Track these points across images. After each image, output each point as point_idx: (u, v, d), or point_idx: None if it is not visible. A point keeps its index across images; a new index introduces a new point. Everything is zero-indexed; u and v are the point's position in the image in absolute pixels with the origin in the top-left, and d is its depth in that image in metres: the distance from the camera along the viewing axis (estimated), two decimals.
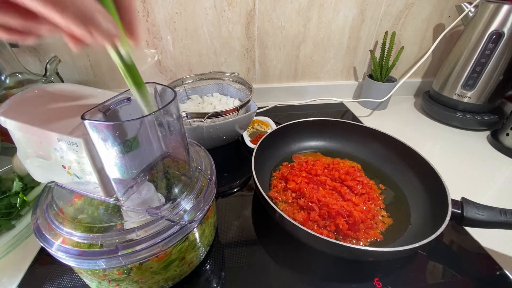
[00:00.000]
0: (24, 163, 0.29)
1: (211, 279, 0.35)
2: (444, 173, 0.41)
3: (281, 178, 0.48)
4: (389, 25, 0.72)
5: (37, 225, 0.27)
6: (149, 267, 0.28)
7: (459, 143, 0.64)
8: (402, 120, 0.73)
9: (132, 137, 0.24)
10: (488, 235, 0.40)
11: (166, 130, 0.26)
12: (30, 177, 0.42)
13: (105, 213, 0.28)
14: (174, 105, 0.26)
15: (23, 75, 0.52)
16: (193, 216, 0.28)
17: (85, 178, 0.26)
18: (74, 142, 0.23)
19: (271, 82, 0.79)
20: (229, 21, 0.66)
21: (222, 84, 0.64)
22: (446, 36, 0.69)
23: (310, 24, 0.69)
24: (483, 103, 0.66)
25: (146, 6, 0.61)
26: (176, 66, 0.71)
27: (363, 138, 0.54)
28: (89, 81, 0.70)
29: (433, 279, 0.35)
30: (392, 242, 0.38)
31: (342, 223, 0.38)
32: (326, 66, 0.78)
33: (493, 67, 0.62)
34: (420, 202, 0.43)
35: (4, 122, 0.25)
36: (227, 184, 0.51)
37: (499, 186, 0.51)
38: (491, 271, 0.36)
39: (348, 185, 0.46)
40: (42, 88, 0.29)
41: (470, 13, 0.64)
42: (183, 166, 0.31)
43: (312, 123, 0.56)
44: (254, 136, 0.61)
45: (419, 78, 0.84)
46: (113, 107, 0.24)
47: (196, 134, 0.49)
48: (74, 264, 0.25)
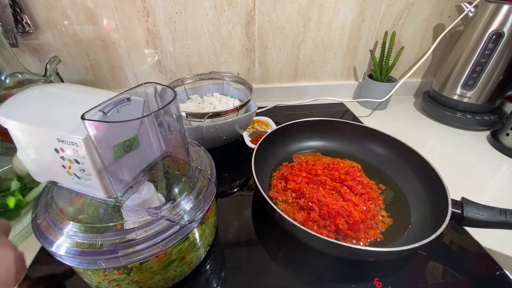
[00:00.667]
0: (24, 163, 0.29)
1: (211, 279, 0.35)
2: (444, 173, 0.41)
3: (281, 178, 0.48)
4: (389, 25, 0.72)
5: (37, 225, 0.27)
6: (149, 267, 0.28)
7: (459, 143, 0.64)
8: (402, 120, 0.73)
9: (132, 137, 0.24)
10: (488, 235, 0.40)
11: (166, 130, 0.26)
12: (30, 177, 0.41)
13: (105, 213, 0.28)
14: (174, 105, 0.26)
15: (23, 75, 0.52)
16: (193, 216, 0.28)
17: (85, 178, 0.26)
18: (74, 142, 0.23)
19: (271, 82, 0.79)
20: (229, 21, 0.66)
21: (222, 84, 0.64)
22: (446, 36, 0.69)
23: (310, 24, 0.69)
24: (483, 103, 0.66)
25: (146, 6, 0.61)
26: (176, 66, 0.71)
27: (363, 138, 0.54)
28: (89, 81, 0.70)
29: (433, 279, 0.35)
30: (392, 242, 0.38)
31: (342, 223, 0.38)
32: (326, 66, 0.78)
33: (493, 67, 0.62)
34: (420, 202, 0.43)
35: (4, 122, 0.25)
36: (227, 184, 0.51)
37: (499, 186, 0.51)
38: (491, 271, 0.36)
39: (348, 185, 0.46)
40: (42, 88, 0.29)
41: (470, 13, 0.64)
42: (183, 166, 0.31)
43: (312, 123, 0.56)
44: (254, 136, 0.61)
45: (419, 78, 0.84)
46: (113, 107, 0.24)
47: (196, 134, 0.49)
48: (74, 264, 0.25)
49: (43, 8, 0.59)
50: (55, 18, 0.60)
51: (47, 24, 0.60)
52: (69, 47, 0.64)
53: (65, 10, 0.59)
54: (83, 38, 0.63)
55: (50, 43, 0.63)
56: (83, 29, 0.62)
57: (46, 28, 0.61)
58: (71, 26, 0.61)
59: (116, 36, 0.64)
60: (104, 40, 0.64)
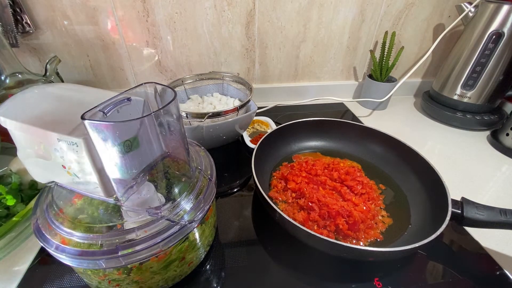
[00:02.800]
0: (24, 163, 0.29)
1: (211, 279, 0.35)
2: (444, 173, 0.41)
3: (281, 178, 0.48)
4: (389, 25, 0.72)
5: (37, 225, 0.27)
6: (149, 267, 0.28)
7: (459, 143, 0.64)
8: (402, 120, 0.73)
9: (132, 137, 0.24)
10: (488, 235, 0.40)
11: (166, 130, 0.26)
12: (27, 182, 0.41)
13: (105, 213, 0.28)
14: (174, 105, 0.26)
15: (23, 75, 0.52)
16: (193, 216, 0.28)
17: (85, 178, 0.26)
18: (74, 142, 0.23)
19: (271, 82, 0.79)
20: (229, 21, 0.66)
21: (222, 84, 0.64)
22: (446, 36, 0.69)
23: (310, 24, 0.69)
24: (483, 103, 0.66)
25: (146, 6, 0.61)
26: (176, 66, 0.71)
27: (363, 138, 0.54)
28: (89, 81, 0.70)
29: (433, 279, 0.35)
30: (392, 242, 0.38)
31: (342, 223, 0.38)
32: (326, 66, 0.78)
33: (493, 67, 0.62)
34: (420, 202, 0.43)
35: (4, 122, 0.25)
36: (227, 184, 0.51)
37: (499, 186, 0.51)
38: (491, 271, 0.36)
39: (348, 185, 0.46)
40: (42, 88, 0.29)
41: (470, 13, 0.64)
42: (183, 166, 0.31)
43: (312, 123, 0.56)
44: (254, 136, 0.61)
45: (419, 78, 0.84)
46: (113, 107, 0.24)
47: (196, 134, 0.49)
48: (74, 264, 0.25)
49: (43, 8, 0.59)
50: (55, 18, 0.60)
51: (47, 24, 0.60)
52: (69, 47, 0.64)
53: (65, 10, 0.59)
54: (83, 38, 0.63)
55: (50, 43, 0.63)
56: (83, 29, 0.62)
57: (46, 28, 0.61)
58: (71, 26, 0.61)
59: (116, 36, 0.64)
60: (104, 40, 0.64)
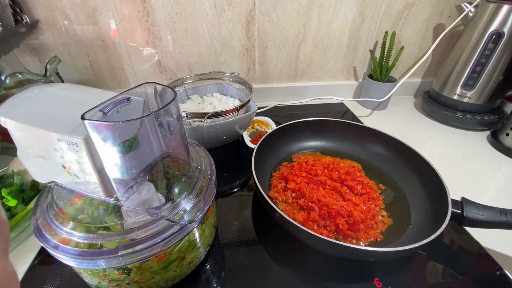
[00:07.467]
0: (24, 163, 0.29)
1: (211, 279, 0.35)
2: (444, 173, 0.41)
3: (281, 178, 0.48)
4: (389, 25, 0.72)
5: (37, 225, 0.27)
6: (149, 267, 0.28)
7: (459, 143, 0.64)
8: (402, 120, 0.73)
9: (132, 137, 0.24)
10: (488, 235, 0.40)
11: (166, 130, 0.26)
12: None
13: (105, 213, 0.28)
14: (174, 105, 0.26)
15: (23, 75, 0.52)
16: (193, 216, 0.28)
17: (85, 178, 0.26)
18: (74, 142, 0.23)
19: (271, 82, 0.79)
20: (229, 21, 0.66)
21: (222, 84, 0.64)
22: (446, 36, 0.69)
23: (310, 24, 0.69)
24: (483, 103, 0.66)
25: (146, 6, 0.61)
26: (176, 66, 0.71)
27: (363, 138, 0.54)
28: (89, 81, 0.70)
29: (433, 279, 0.35)
30: (392, 242, 0.38)
31: (342, 223, 0.38)
32: (326, 66, 0.78)
33: (493, 67, 0.62)
34: (420, 202, 0.43)
35: (4, 122, 0.25)
36: (227, 184, 0.51)
37: (499, 186, 0.51)
38: (491, 271, 0.36)
39: (348, 185, 0.46)
40: (42, 88, 0.29)
41: (470, 13, 0.64)
42: (183, 166, 0.31)
43: (312, 123, 0.56)
44: (254, 136, 0.61)
45: (419, 78, 0.84)
46: (113, 107, 0.24)
47: (196, 134, 0.49)
48: (74, 264, 0.25)
49: (43, 8, 0.59)
50: (55, 18, 0.60)
51: (47, 24, 0.61)
52: (69, 47, 0.64)
53: (65, 10, 0.59)
54: (83, 38, 0.63)
55: (50, 43, 0.63)
56: (83, 29, 0.62)
57: (46, 28, 0.61)
58: (71, 26, 0.61)
59: (116, 36, 0.64)
60: (104, 40, 0.64)
